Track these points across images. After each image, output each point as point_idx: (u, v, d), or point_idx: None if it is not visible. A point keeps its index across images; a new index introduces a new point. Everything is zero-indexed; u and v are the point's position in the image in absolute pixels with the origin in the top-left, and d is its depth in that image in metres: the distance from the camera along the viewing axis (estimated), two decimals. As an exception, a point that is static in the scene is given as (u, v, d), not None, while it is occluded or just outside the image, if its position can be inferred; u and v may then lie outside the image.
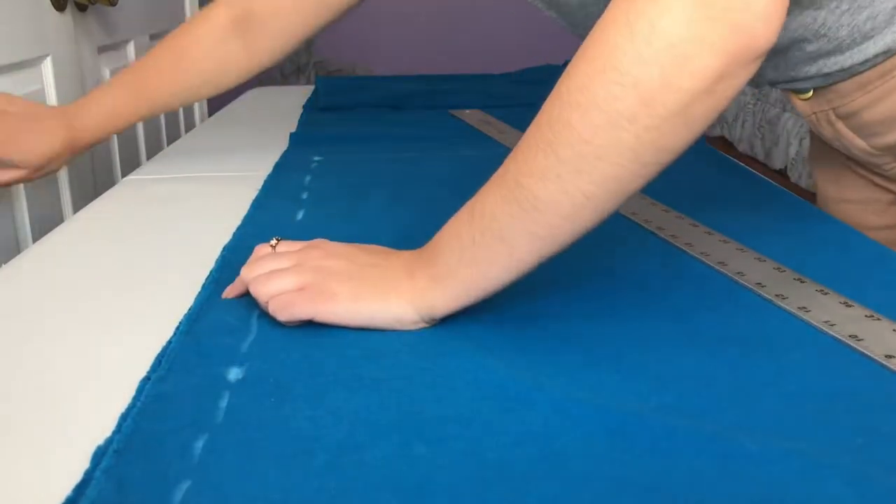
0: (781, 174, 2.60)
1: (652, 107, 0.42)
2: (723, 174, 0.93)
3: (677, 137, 0.43)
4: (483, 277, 0.49)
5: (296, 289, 0.50)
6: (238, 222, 0.73)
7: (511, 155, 0.47)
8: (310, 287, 0.50)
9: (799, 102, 0.72)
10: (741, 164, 0.98)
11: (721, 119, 3.16)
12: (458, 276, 0.49)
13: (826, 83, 0.67)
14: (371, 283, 0.51)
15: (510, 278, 0.49)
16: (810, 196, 2.43)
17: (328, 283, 0.50)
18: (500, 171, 0.48)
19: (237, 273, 0.55)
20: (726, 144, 3.04)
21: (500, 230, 0.47)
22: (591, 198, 0.44)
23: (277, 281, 0.51)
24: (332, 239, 0.55)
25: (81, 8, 1.17)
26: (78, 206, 1.11)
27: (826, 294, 0.56)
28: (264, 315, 0.52)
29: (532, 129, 0.46)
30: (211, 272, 0.60)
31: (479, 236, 0.47)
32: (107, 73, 1.29)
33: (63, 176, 1.09)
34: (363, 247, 0.55)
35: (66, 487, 0.36)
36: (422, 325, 0.51)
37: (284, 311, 0.50)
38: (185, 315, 0.53)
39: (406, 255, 0.53)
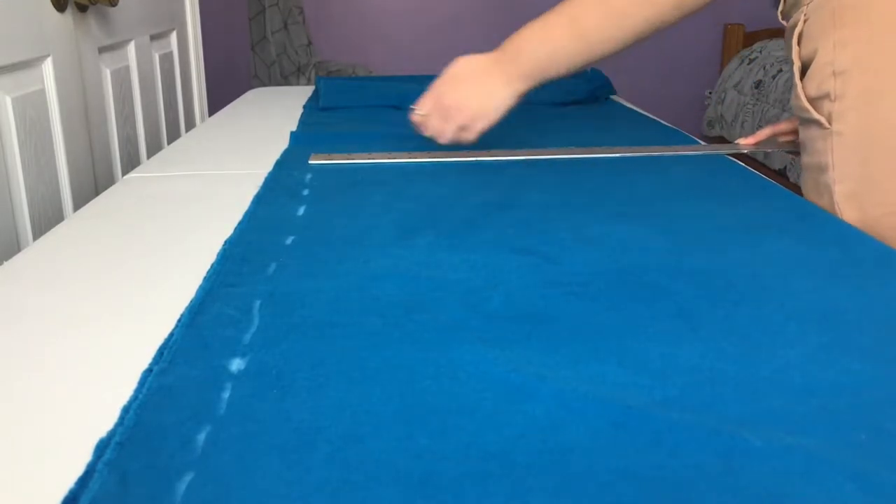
0: (781, 174, 2.60)
1: None
2: (723, 174, 0.93)
3: None
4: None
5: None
6: (239, 218, 0.73)
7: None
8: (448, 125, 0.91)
9: None
10: (742, 164, 0.98)
11: (721, 119, 3.16)
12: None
13: None
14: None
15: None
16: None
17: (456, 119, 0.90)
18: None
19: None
20: (726, 145, 3.04)
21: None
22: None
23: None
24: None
25: (81, 8, 1.17)
26: (78, 204, 1.11)
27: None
28: (266, 306, 0.52)
29: None
30: (213, 265, 0.60)
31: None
32: (107, 73, 1.28)
33: (63, 174, 1.09)
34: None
35: (69, 480, 0.36)
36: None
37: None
38: (187, 307, 0.53)
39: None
